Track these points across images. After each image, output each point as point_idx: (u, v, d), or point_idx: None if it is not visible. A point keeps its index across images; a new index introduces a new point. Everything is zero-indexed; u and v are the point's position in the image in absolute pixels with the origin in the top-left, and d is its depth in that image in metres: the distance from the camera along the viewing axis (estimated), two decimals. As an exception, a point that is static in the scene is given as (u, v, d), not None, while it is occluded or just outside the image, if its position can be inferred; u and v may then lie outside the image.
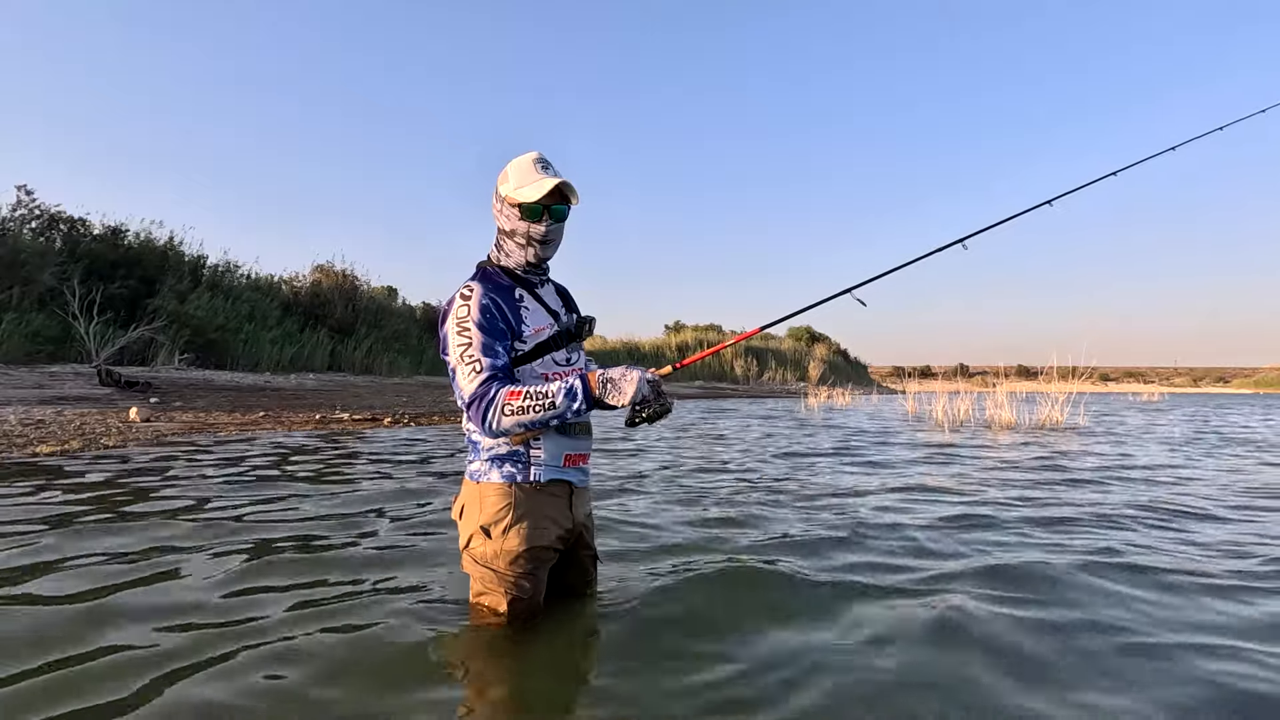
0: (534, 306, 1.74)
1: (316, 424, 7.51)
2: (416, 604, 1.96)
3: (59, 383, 8.84)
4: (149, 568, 2.24)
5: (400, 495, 3.59)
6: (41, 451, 4.66)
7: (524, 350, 1.69)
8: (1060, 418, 9.72)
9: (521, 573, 1.68)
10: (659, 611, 1.93)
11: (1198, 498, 3.96)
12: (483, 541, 1.68)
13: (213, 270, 15.16)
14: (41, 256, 11.33)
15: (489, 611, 1.71)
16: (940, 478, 4.62)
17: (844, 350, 43.53)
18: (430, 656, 1.62)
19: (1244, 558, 2.62)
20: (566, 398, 1.56)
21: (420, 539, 2.69)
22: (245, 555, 2.40)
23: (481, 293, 1.64)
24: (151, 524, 2.81)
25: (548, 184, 1.65)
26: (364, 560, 2.39)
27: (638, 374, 1.59)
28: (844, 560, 2.49)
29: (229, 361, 13.06)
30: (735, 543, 2.71)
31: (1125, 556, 2.56)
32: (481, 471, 1.70)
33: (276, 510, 3.15)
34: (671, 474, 4.60)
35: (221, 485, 3.72)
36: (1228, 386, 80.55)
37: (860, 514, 3.31)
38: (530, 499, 1.69)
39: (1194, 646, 1.74)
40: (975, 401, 11.51)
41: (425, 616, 1.86)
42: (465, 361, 1.59)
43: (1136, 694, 1.49)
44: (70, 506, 3.08)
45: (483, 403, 1.56)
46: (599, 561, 2.03)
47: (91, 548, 2.44)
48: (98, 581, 2.07)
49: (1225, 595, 2.16)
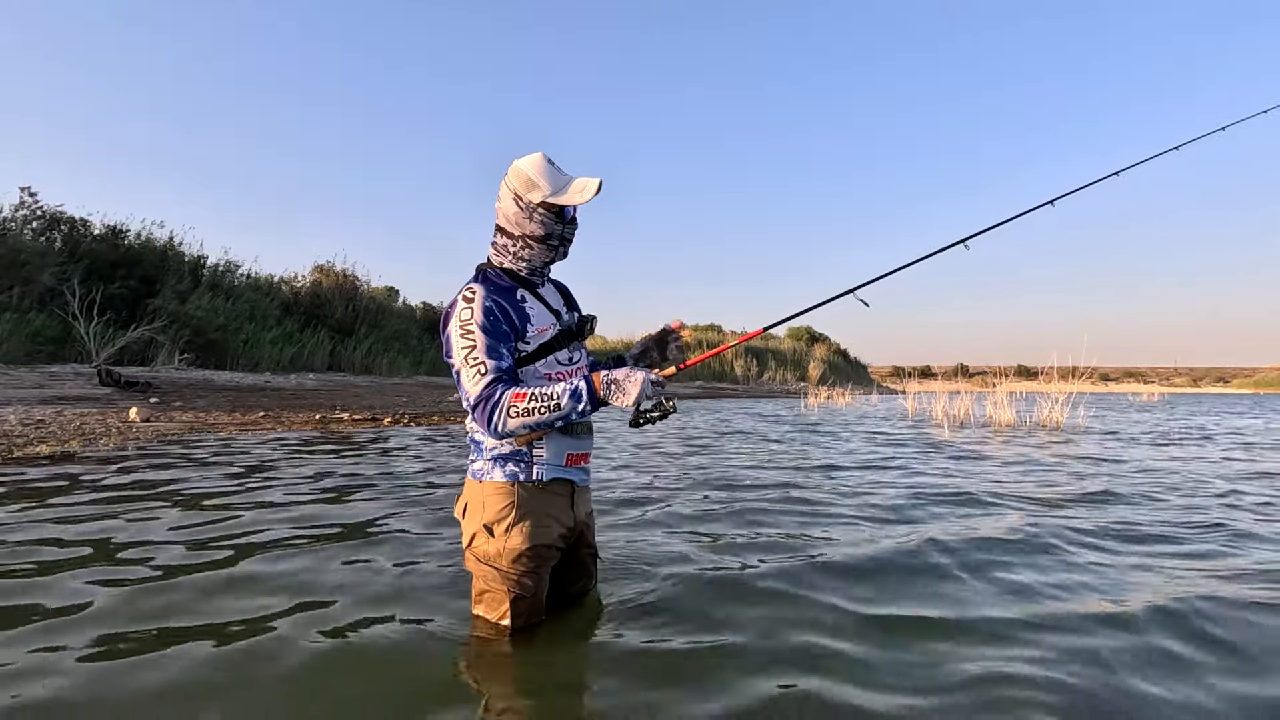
0: (536, 307, 1.74)
1: (316, 424, 7.50)
2: (418, 601, 1.96)
3: (59, 383, 8.84)
4: (147, 567, 2.24)
5: (402, 493, 3.58)
6: (41, 451, 4.66)
7: (527, 351, 1.69)
8: (1060, 418, 9.72)
9: (524, 571, 1.68)
10: (662, 610, 1.93)
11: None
12: (485, 540, 1.68)
13: (213, 270, 15.16)
14: (42, 256, 11.33)
15: (491, 609, 1.72)
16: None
17: (844, 350, 43.55)
18: (431, 655, 1.62)
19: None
20: (571, 399, 1.57)
21: (423, 537, 2.68)
22: (244, 551, 2.40)
23: (484, 295, 1.64)
24: (150, 522, 2.82)
25: (591, 185, 1.67)
26: (364, 557, 2.39)
27: (641, 375, 1.59)
28: (844, 569, 2.49)
29: (229, 361, 13.06)
30: (741, 542, 2.71)
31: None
32: (484, 470, 1.71)
33: (277, 508, 3.14)
34: (679, 476, 4.61)
35: (222, 481, 3.72)
36: (1228, 386, 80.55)
37: (873, 516, 3.31)
38: (533, 497, 1.69)
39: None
40: (975, 401, 11.51)
41: (427, 614, 1.86)
42: (470, 364, 1.60)
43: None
44: (65, 509, 3.08)
45: (488, 405, 1.56)
46: (600, 560, 2.03)
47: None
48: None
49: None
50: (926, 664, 1.62)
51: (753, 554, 2.55)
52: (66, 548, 2.44)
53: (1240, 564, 2.52)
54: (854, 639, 1.76)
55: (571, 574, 1.90)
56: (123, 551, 2.42)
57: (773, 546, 2.66)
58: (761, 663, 1.62)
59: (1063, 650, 1.70)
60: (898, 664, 1.62)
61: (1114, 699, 1.46)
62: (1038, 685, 1.50)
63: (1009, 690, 1.49)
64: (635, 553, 2.53)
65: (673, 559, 2.46)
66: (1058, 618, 1.92)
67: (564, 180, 1.69)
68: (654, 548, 2.61)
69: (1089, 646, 1.72)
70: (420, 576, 2.22)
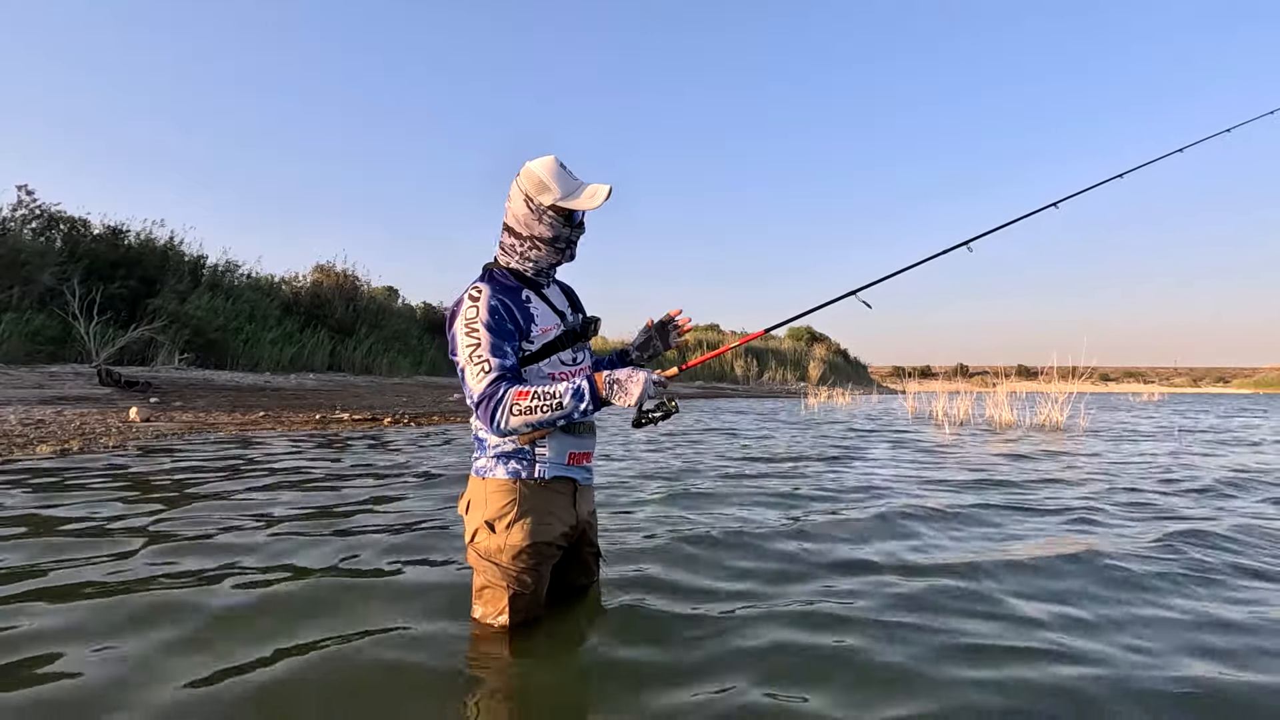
0: (541, 308, 1.75)
1: (316, 424, 7.50)
2: (419, 597, 1.97)
3: (59, 383, 8.84)
4: (148, 568, 2.24)
5: (401, 491, 3.58)
6: (41, 451, 4.66)
7: (531, 350, 1.70)
8: (1060, 418, 9.71)
9: (524, 567, 1.69)
10: (666, 608, 1.93)
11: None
12: (487, 536, 1.69)
13: (213, 270, 15.15)
14: (41, 256, 11.33)
15: (491, 605, 1.72)
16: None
17: (844, 350, 43.54)
18: (429, 650, 1.63)
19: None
20: (574, 398, 1.58)
21: (424, 534, 2.69)
22: (240, 551, 2.40)
23: (490, 294, 1.66)
24: (152, 518, 2.82)
25: (602, 191, 1.69)
26: (366, 555, 2.39)
27: (644, 375, 1.61)
28: (832, 566, 2.49)
29: (229, 361, 13.06)
30: (748, 540, 2.71)
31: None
32: (487, 468, 1.72)
33: (281, 505, 3.14)
34: (684, 469, 4.60)
35: (225, 482, 3.71)
36: (1228, 386, 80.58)
37: (877, 515, 3.31)
38: (535, 495, 1.71)
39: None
40: (975, 401, 11.51)
41: (427, 610, 1.87)
42: (474, 362, 1.61)
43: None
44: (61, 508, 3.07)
45: (491, 402, 1.58)
46: (602, 559, 2.04)
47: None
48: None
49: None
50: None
51: (754, 547, 2.55)
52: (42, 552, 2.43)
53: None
54: (851, 639, 1.76)
55: (573, 572, 1.91)
56: (117, 545, 2.42)
57: (771, 538, 2.66)
58: (757, 662, 1.62)
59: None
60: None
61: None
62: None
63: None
64: (632, 547, 2.53)
65: (669, 553, 2.46)
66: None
67: (575, 185, 1.71)
68: (650, 541, 2.62)
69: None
70: (420, 571, 2.22)
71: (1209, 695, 1.49)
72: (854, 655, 1.68)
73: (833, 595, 2.11)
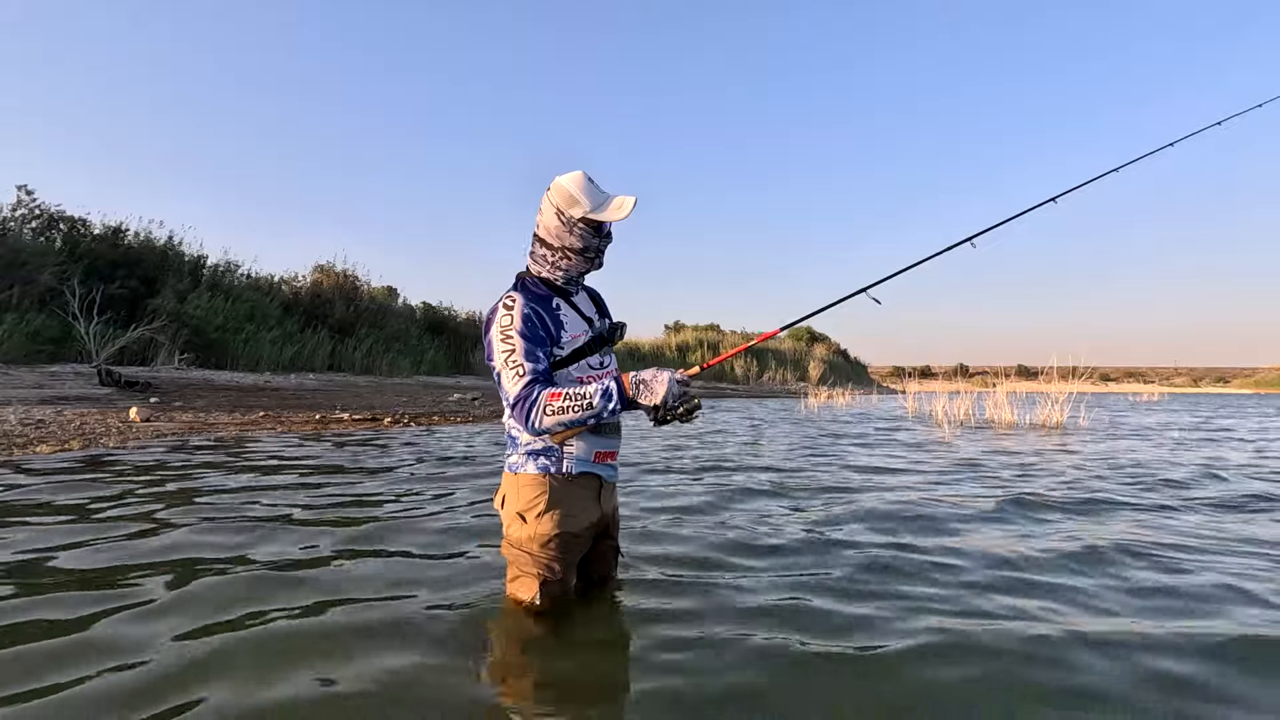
0: (571, 316, 1.85)
1: (317, 424, 7.50)
2: (455, 584, 2.11)
3: (59, 383, 8.83)
4: (152, 568, 2.24)
5: (417, 488, 3.59)
6: (41, 451, 4.65)
7: (561, 356, 1.80)
8: (1060, 417, 9.72)
9: (553, 555, 1.79)
10: (674, 605, 1.97)
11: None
12: (519, 526, 1.79)
13: (213, 270, 15.13)
14: (41, 256, 11.32)
15: (522, 591, 1.82)
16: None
17: (844, 350, 43.58)
18: (463, 638, 1.73)
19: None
20: (603, 398, 1.67)
21: (458, 528, 2.81)
22: (269, 545, 2.42)
23: (523, 303, 1.75)
24: (150, 517, 2.81)
25: (628, 202, 1.78)
26: (399, 548, 2.47)
27: (668, 375, 1.70)
28: (849, 567, 2.49)
29: (229, 361, 13.05)
30: (758, 539, 2.71)
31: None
32: (519, 464, 1.83)
33: (298, 505, 3.14)
34: (693, 465, 4.60)
35: (231, 481, 3.71)
36: (1228, 386, 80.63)
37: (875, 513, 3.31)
38: (563, 488, 1.80)
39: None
40: (975, 401, 11.51)
41: (461, 602, 1.97)
42: (509, 366, 1.71)
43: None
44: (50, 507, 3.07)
45: (526, 404, 1.67)
46: (621, 554, 2.16)
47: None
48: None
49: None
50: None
51: (767, 543, 2.56)
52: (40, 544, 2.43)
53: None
54: (866, 633, 1.77)
55: (592, 566, 2.01)
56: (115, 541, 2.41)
57: (784, 530, 2.66)
58: (773, 649, 1.66)
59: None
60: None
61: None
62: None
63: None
64: (651, 534, 2.59)
65: (686, 542, 2.48)
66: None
67: (603, 197, 1.81)
68: (667, 531, 2.69)
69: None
70: (449, 566, 2.33)
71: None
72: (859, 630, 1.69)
73: (843, 578, 2.15)
